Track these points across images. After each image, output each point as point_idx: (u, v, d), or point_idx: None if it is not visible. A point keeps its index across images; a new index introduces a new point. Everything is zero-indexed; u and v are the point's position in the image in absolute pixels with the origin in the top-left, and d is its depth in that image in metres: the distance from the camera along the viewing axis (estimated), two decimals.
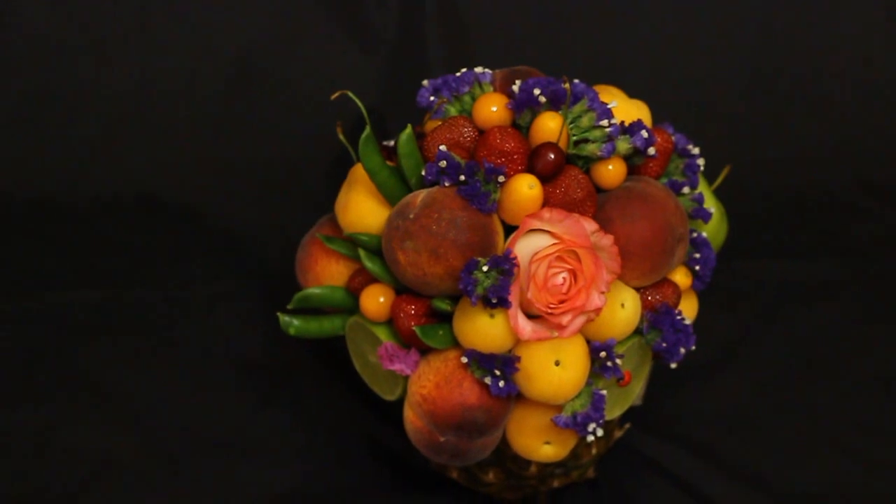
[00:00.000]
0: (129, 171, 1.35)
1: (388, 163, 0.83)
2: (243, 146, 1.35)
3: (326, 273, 0.89)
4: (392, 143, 0.88)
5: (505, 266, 0.76)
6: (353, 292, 0.86)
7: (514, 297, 0.78)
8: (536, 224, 0.78)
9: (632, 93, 0.91)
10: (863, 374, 1.13)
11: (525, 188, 0.79)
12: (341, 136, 0.85)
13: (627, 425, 0.98)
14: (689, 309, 0.90)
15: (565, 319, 0.78)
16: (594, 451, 0.94)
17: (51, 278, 1.25)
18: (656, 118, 0.91)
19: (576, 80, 0.83)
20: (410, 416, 0.84)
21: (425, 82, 0.87)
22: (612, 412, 0.85)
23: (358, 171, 0.85)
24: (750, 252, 1.26)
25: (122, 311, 1.21)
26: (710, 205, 0.93)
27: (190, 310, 1.22)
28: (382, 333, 0.84)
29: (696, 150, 0.89)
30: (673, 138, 0.89)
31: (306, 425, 1.07)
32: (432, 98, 0.86)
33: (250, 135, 1.35)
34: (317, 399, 1.10)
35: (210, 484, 1.01)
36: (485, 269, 0.77)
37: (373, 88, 1.32)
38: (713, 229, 0.94)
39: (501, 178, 0.79)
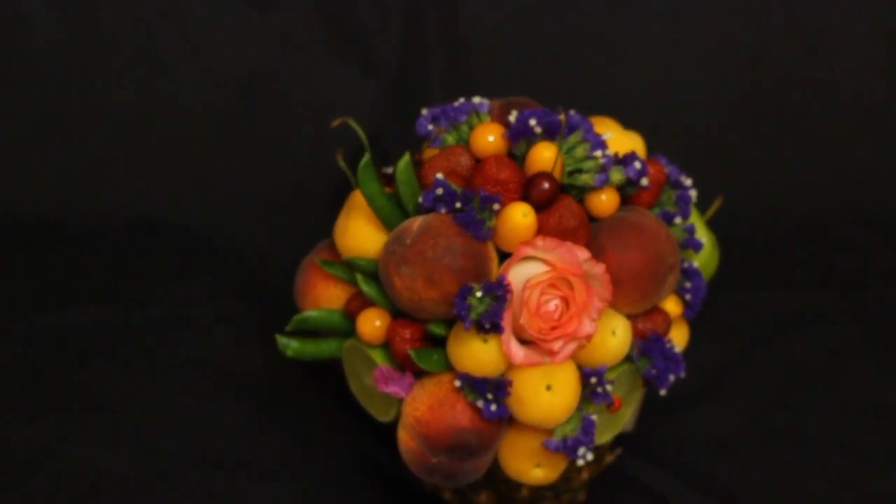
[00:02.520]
0: (135, 193, 1.36)
1: (387, 189, 0.84)
2: (247, 171, 1.37)
3: (324, 296, 0.89)
4: (390, 170, 0.89)
5: (498, 292, 0.77)
6: (349, 316, 0.87)
7: (506, 323, 0.78)
8: (530, 251, 0.79)
9: (627, 124, 0.92)
10: (851, 402, 1.13)
11: (519, 216, 0.79)
12: (341, 163, 0.85)
13: (618, 450, 0.97)
14: (679, 337, 0.90)
15: (557, 345, 0.79)
16: (585, 475, 0.93)
17: (55, 297, 1.26)
18: (650, 150, 0.91)
19: (571, 112, 0.83)
20: (404, 438, 0.85)
21: (424, 111, 0.87)
22: (602, 437, 0.86)
23: (357, 196, 0.86)
24: (741, 282, 1.26)
25: (125, 329, 1.21)
26: (702, 235, 0.93)
27: (192, 329, 1.22)
28: (378, 356, 0.85)
29: (688, 182, 0.90)
30: (666, 170, 0.89)
31: (303, 444, 1.07)
32: (430, 127, 0.87)
33: (253, 160, 1.37)
34: (313, 419, 1.10)
35: (207, 499, 1.01)
36: (479, 294, 0.77)
37: (373, 116, 1.33)
38: (704, 259, 0.94)
39: (496, 206, 0.79)
